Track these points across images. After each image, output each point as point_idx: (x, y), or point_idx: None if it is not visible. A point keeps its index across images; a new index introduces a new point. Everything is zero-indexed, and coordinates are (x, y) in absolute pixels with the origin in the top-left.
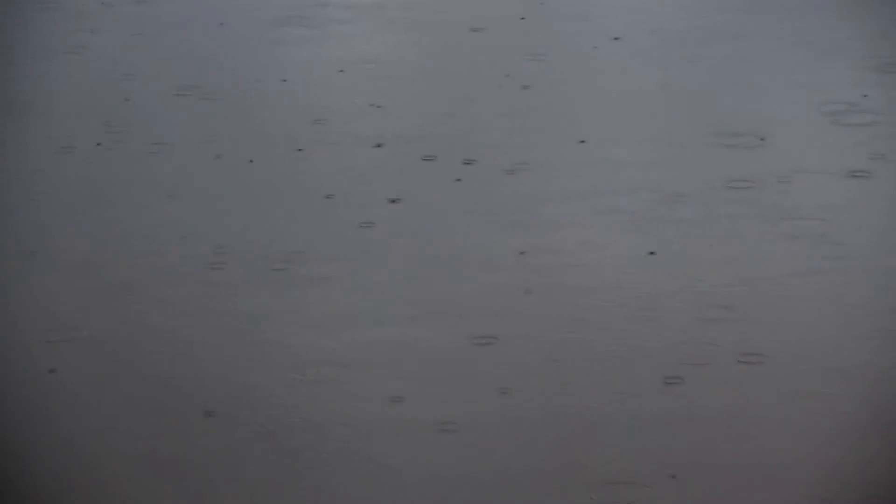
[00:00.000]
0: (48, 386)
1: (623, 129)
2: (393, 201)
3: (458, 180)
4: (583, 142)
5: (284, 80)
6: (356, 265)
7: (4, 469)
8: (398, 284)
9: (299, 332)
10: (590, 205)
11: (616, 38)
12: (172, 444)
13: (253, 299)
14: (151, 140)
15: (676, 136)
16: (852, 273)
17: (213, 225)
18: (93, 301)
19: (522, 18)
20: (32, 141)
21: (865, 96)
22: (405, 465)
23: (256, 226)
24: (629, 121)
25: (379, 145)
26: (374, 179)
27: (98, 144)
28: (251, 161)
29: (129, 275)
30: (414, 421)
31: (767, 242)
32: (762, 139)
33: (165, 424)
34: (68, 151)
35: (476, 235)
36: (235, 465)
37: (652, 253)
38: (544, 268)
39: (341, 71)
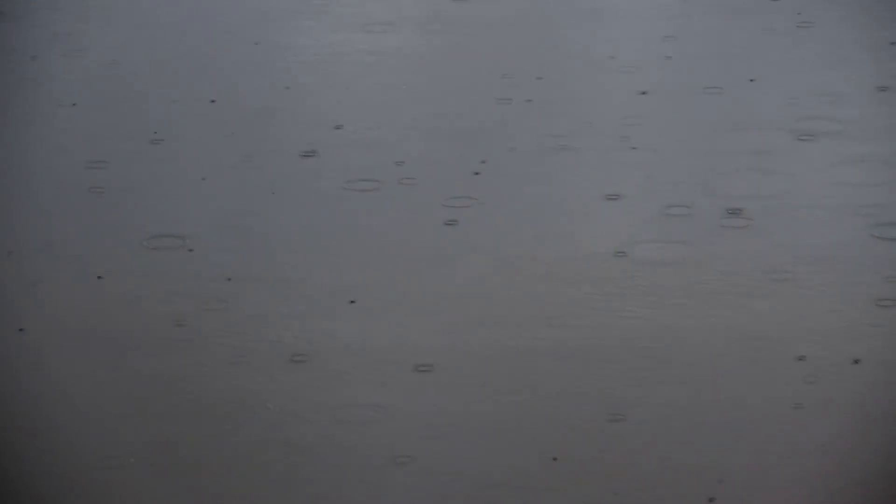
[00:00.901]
0: (46, 385)
1: (628, 124)
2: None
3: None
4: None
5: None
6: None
7: (4, 469)
8: (401, 278)
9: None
10: (599, 193)
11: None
12: (175, 444)
13: (254, 295)
14: (158, 138)
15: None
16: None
17: (218, 224)
18: (96, 302)
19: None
20: (33, 140)
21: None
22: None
23: (262, 223)
24: (632, 117)
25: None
26: (385, 175)
27: (103, 141)
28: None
29: (131, 276)
30: (411, 414)
31: (770, 236)
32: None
33: (166, 423)
34: (68, 150)
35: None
36: (233, 454)
37: (657, 243)
38: (558, 261)
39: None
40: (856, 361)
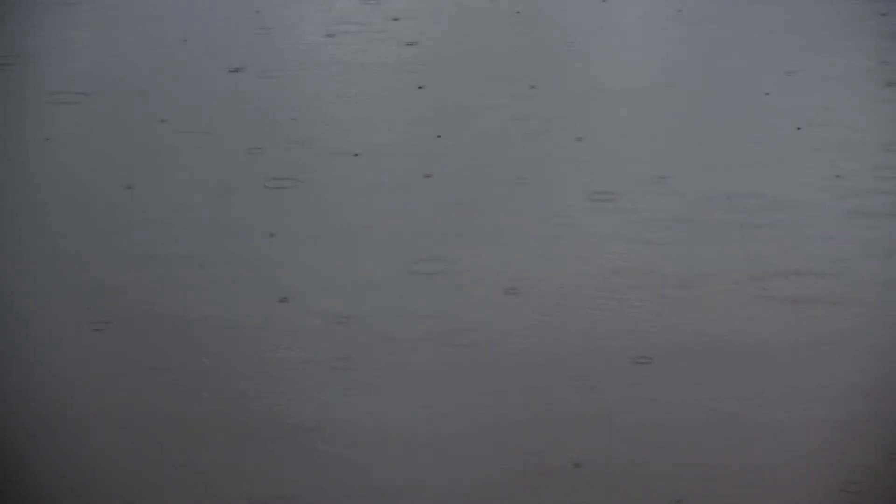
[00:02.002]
0: (46, 385)
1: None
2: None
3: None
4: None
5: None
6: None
7: (4, 469)
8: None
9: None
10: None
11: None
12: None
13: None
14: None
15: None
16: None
17: (219, 220)
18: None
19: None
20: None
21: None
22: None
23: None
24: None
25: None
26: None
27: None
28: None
29: (139, 269)
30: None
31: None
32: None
33: (170, 419)
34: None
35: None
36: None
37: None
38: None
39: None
40: None
